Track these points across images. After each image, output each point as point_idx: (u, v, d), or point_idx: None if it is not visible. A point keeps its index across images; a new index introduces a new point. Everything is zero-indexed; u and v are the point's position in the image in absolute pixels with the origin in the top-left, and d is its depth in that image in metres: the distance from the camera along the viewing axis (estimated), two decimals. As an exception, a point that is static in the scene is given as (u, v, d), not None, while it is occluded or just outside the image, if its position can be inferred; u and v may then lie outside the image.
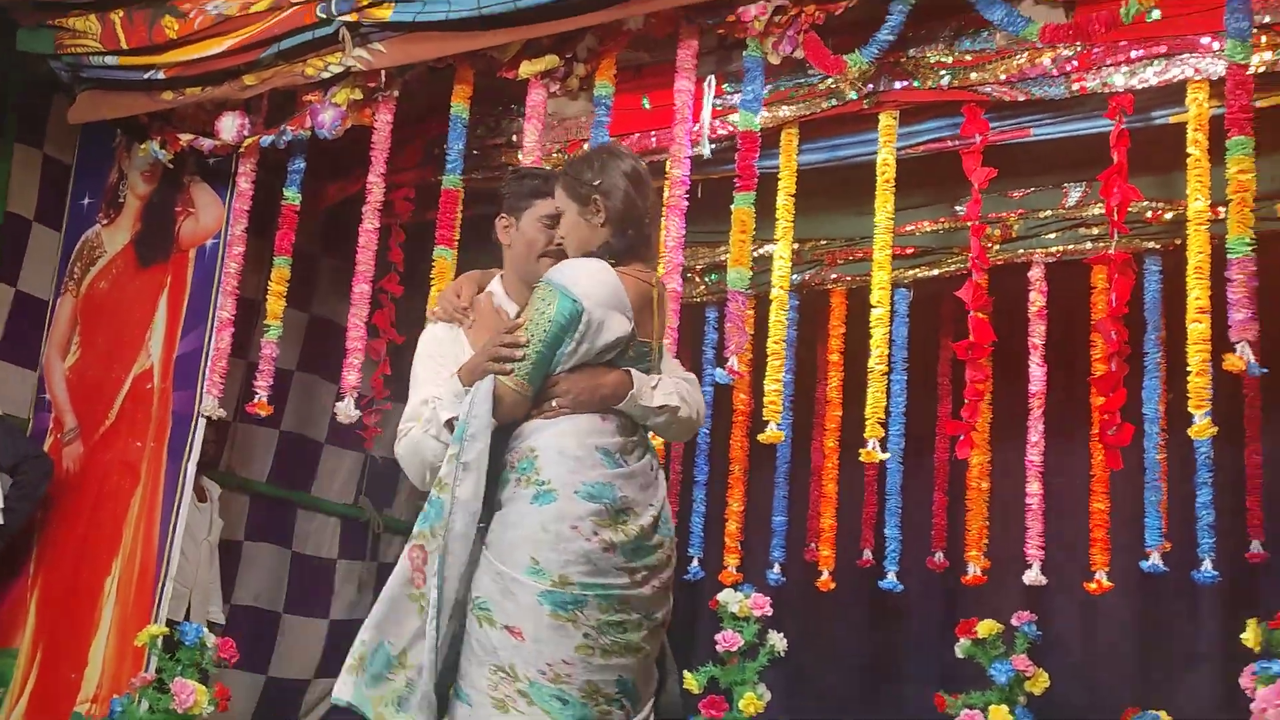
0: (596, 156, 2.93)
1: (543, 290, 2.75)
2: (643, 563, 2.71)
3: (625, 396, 2.77)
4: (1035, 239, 5.11)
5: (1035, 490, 5.00)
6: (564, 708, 2.61)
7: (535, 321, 2.72)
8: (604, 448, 2.74)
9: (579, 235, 2.86)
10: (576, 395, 2.74)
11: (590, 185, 2.83)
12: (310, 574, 6.29)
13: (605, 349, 2.76)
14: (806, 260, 5.56)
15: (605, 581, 2.65)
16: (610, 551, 2.66)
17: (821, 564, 5.70)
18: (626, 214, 2.84)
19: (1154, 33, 3.98)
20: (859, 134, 4.57)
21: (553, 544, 2.63)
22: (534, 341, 2.71)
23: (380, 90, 4.74)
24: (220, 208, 5.31)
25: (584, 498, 2.67)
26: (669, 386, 2.87)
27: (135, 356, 5.39)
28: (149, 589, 5.02)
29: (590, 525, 2.65)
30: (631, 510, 2.71)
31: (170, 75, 4.93)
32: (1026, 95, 4.25)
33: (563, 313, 2.70)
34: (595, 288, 2.74)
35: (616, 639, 2.67)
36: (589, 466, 2.70)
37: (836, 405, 5.71)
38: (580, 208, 2.85)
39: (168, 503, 5.10)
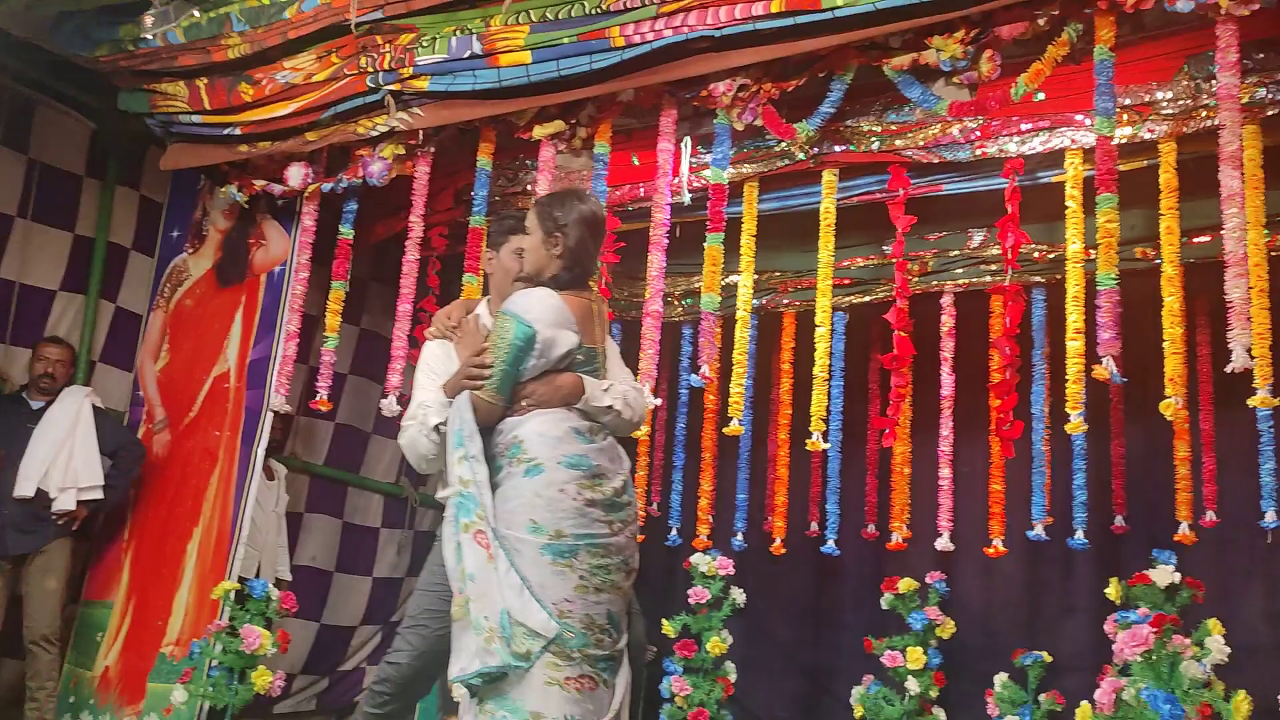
0: (569, 198, 2.99)
1: (502, 319, 2.83)
2: (617, 516, 2.78)
3: (580, 397, 2.85)
4: (946, 273, 5.13)
5: (946, 474, 5.06)
6: (570, 638, 2.66)
7: (498, 345, 2.80)
8: (575, 429, 2.82)
9: (536, 258, 2.93)
10: (541, 396, 2.82)
11: (556, 222, 2.91)
12: (357, 540, 6.23)
13: (560, 358, 2.85)
14: (764, 288, 5.56)
15: (591, 532, 2.71)
16: (592, 507, 2.73)
17: (775, 533, 5.69)
18: (578, 253, 2.93)
19: (1040, 110, 4.02)
20: (806, 187, 4.58)
21: (546, 505, 2.70)
22: (499, 362, 2.79)
23: (419, 146, 4.72)
24: (287, 240, 5.29)
25: (566, 466, 2.74)
26: (618, 392, 2.94)
27: (215, 361, 5.38)
28: (224, 551, 5.03)
29: (574, 487, 2.72)
30: (604, 475, 2.79)
31: (246, 132, 4.91)
32: (939, 158, 4.27)
33: (519, 336, 2.79)
34: (544, 312, 2.83)
35: (604, 579, 2.71)
36: (567, 442, 2.78)
37: (787, 405, 5.67)
38: (544, 236, 2.92)
39: (240, 481, 5.09)
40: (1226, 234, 3.26)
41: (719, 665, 5.11)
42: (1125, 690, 3.68)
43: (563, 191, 3.10)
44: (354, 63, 4.56)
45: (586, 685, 2.64)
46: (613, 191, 4.68)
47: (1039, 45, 3.59)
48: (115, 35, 4.84)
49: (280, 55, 4.72)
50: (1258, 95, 3.69)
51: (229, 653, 4.59)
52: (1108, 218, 3.61)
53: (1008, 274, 4.41)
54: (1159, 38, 3.85)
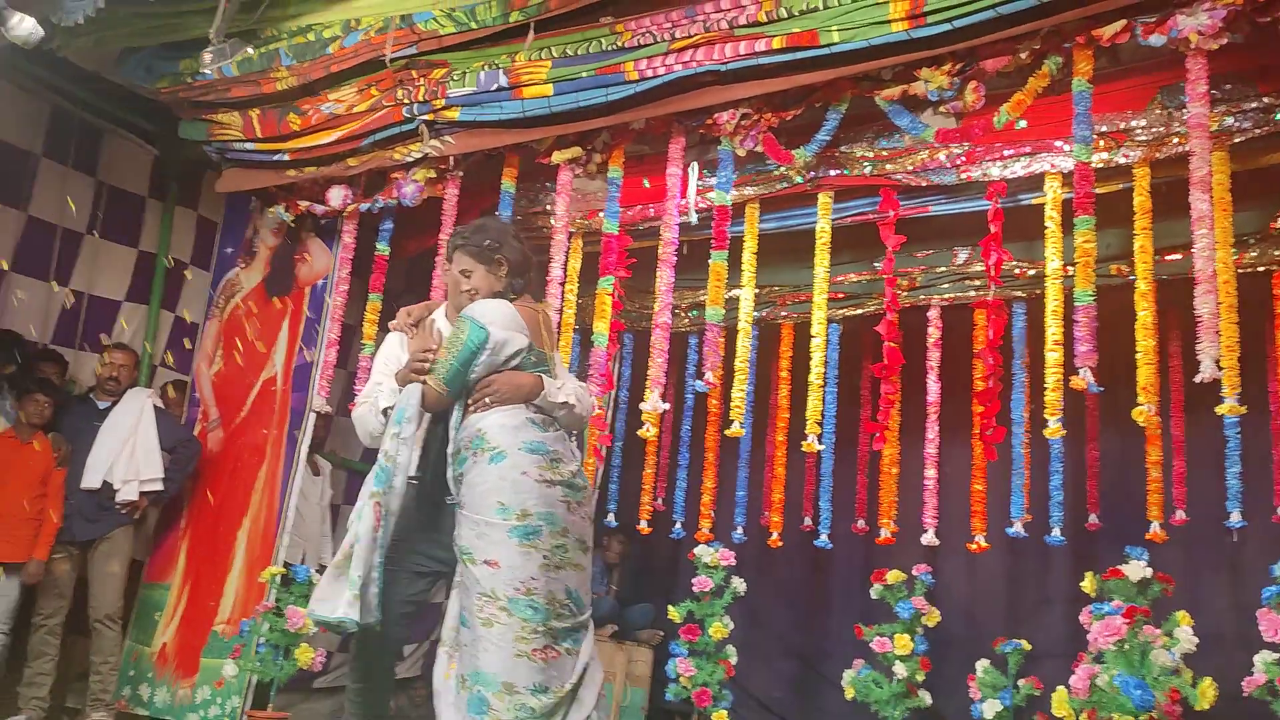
0: (490, 225, 3.03)
1: (461, 322, 2.85)
2: (574, 497, 2.77)
3: (539, 394, 2.85)
4: (933, 288, 5.12)
5: (932, 474, 5.02)
6: (534, 614, 2.65)
7: (453, 343, 2.81)
8: (531, 419, 2.81)
9: (487, 285, 2.97)
10: (503, 391, 2.81)
11: (491, 249, 2.95)
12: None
13: (511, 357, 2.84)
14: (764, 301, 5.56)
15: (552, 511, 2.70)
16: (552, 487, 2.72)
17: (772, 528, 5.71)
18: (520, 266, 2.99)
19: (1022, 137, 3.99)
20: (804, 208, 4.57)
21: (511, 488, 2.68)
22: (452, 358, 2.80)
23: (449, 171, 4.72)
24: (329, 256, 5.28)
25: (527, 451, 2.74)
26: (570, 389, 2.94)
27: (264, 366, 5.37)
28: (271, 539, 5.00)
29: (535, 470, 2.72)
30: (561, 459, 2.79)
31: (293, 158, 4.92)
32: (927, 181, 4.25)
33: (473, 338, 2.80)
34: (498, 318, 2.85)
35: (562, 557, 2.70)
36: (526, 431, 2.78)
37: (785, 410, 5.72)
38: (486, 267, 2.95)
39: (286, 475, 5.08)
40: (1196, 253, 3.22)
41: (721, 649, 5.06)
42: (1099, 677, 3.63)
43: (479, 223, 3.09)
44: (391, 95, 4.56)
45: (551, 655, 2.66)
46: (625, 211, 4.67)
47: (1021, 77, 3.56)
48: (176, 69, 4.87)
49: (324, 88, 4.73)
50: (1226, 123, 3.69)
51: (275, 631, 4.59)
52: (1085, 238, 3.59)
53: (991, 289, 4.37)
54: (1133, 70, 3.83)
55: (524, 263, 3.00)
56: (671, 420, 6.29)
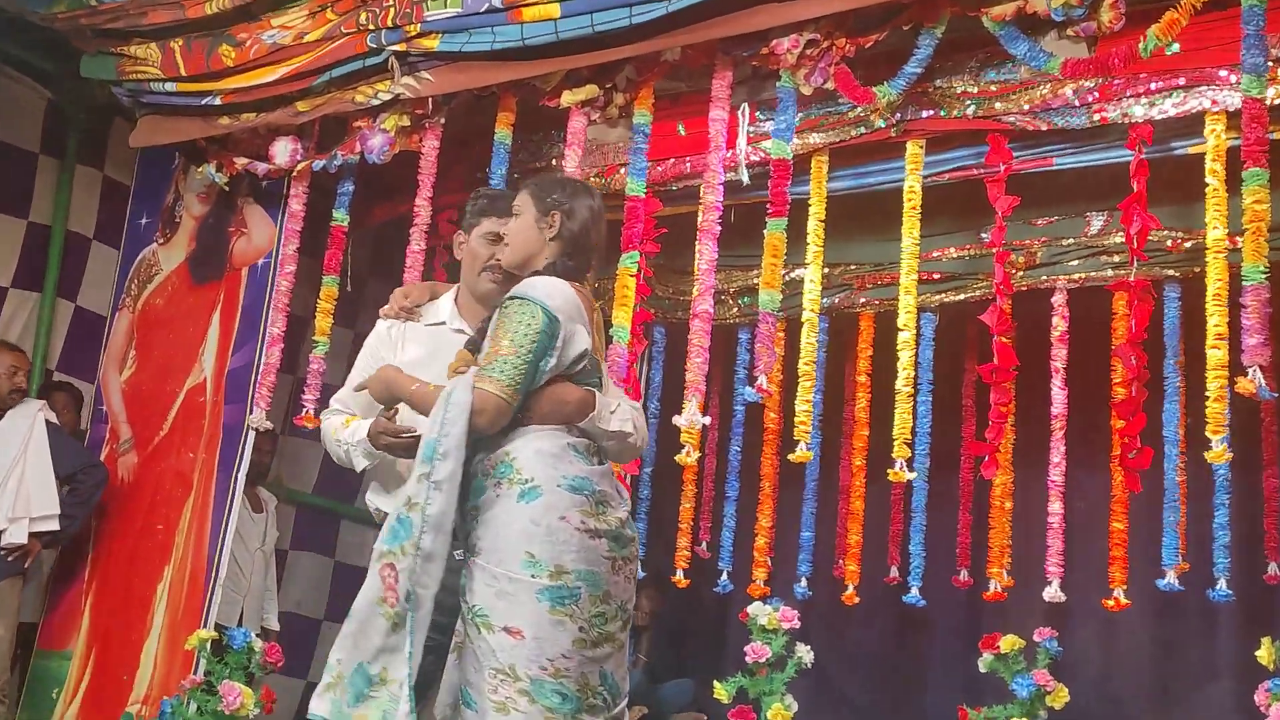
0: (570, 183, 3.03)
1: (520, 305, 2.76)
2: (622, 553, 2.74)
3: (588, 415, 2.81)
4: (1058, 265, 5.08)
5: (1056, 510, 5.00)
6: (563, 702, 2.61)
7: (522, 334, 2.72)
8: (574, 446, 2.78)
9: (525, 240, 2.92)
10: (541, 410, 2.78)
11: (555, 200, 2.91)
12: (352, 583, 6.26)
13: (574, 361, 2.81)
14: (836, 284, 5.53)
15: (594, 570, 2.67)
16: (597, 539, 2.69)
17: (847, 579, 5.70)
18: (579, 240, 2.91)
19: (1173, 65, 3.91)
20: (887, 161, 4.54)
21: (546, 536, 2.64)
22: (523, 354, 2.71)
23: (427, 117, 4.73)
24: (272, 228, 5.31)
25: (567, 489, 2.69)
26: (626, 414, 2.92)
27: (189, 370, 5.40)
28: (199, 594, 5.01)
29: (577, 515, 2.68)
30: (608, 502, 2.75)
31: (227, 101, 4.95)
32: (1049, 125, 4.21)
33: (546, 325, 2.73)
34: (564, 302, 2.79)
35: (602, 630, 2.68)
36: (567, 462, 2.73)
37: (864, 425, 5.69)
38: (538, 215, 2.91)
39: (218, 512, 5.09)
40: None
41: (782, 737, 5.03)
42: (1279, 774, 3.57)
43: (564, 176, 3.16)
44: (352, 19, 4.59)
45: None
46: (654, 168, 4.65)
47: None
48: (76, -12, 4.94)
49: (266, 11, 4.77)
50: None
51: (205, 713, 4.59)
52: (1256, 197, 3.53)
53: (1133, 266, 4.28)
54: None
55: (585, 240, 2.93)
56: (716, 440, 6.31)
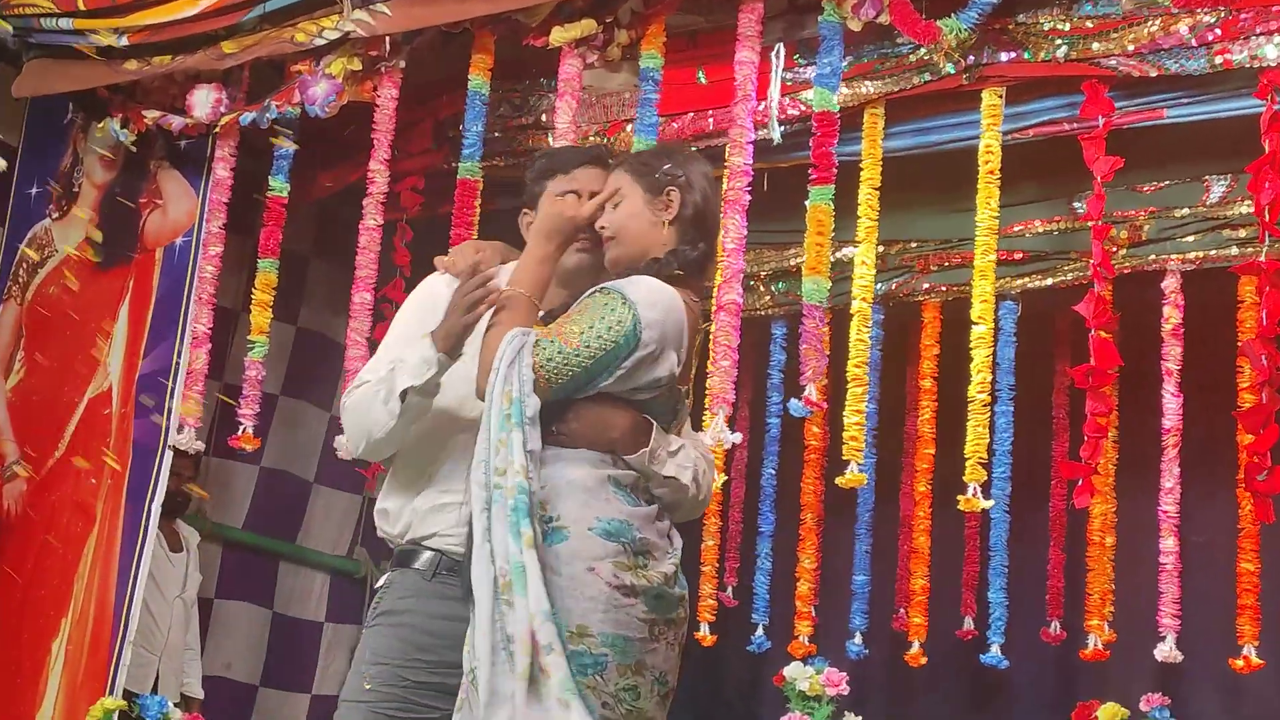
0: (675, 150, 2.99)
1: (612, 299, 2.73)
2: (665, 616, 2.72)
3: (638, 450, 2.77)
4: (1170, 242, 5.08)
5: (1170, 547, 4.99)
6: None
7: (595, 329, 2.69)
8: (617, 480, 2.75)
9: (638, 227, 2.86)
10: (580, 428, 2.75)
11: (666, 173, 2.86)
12: (293, 639, 6.30)
13: (646, 385, 2.77)
14: (894, 266, 5.54)
15: (626, 634, 2.64)
16: (631, 598, 2.66)
17: (911, 634, 5.72)
18: (700, 222, 2.87)
19: None
20: (957, 115, 4.55)
21: (569, 588, 2.62)
22: (584, 351, 2.68)
23: (384, 60, 4.75)
24: (193, 199, 5.32)
25: (600, 534, 2.67)
26: (687, 460, 2.86)
27: (91, 376, 5.41)
28: (104, 654, 5.02)
29: (609, 567, 2.65)
30: (651, 553, 2.72)
31: (135, 41, 4.95)
32: (1159, 70, 4.19)
33: (627, 337, 2.69)
34: (664, 318, 2.73)
35: (631, 706, 2.66)
36: (603, 500, 2.71)
37: (929, 442, 5.69)
38: (648, 195, 2.86)
39: (127, 551, 5.09)
40: None
41: (829, 830, 5.06)
42: None
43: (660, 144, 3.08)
44: (291, -62, 4.63)
45: None
46: (668, 124, 4.67)
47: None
48: (-56, -99, 4.99)
49: (182, -73, 4.81)
50: None
51: (114, 802, 4.65)
52: None
53: (1264, 244, 4.26)
54: None
55: (705, 223, 2.90)
56: (746, 460, 6.33)
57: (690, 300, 2.83)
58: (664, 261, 2.83)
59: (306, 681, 6.37)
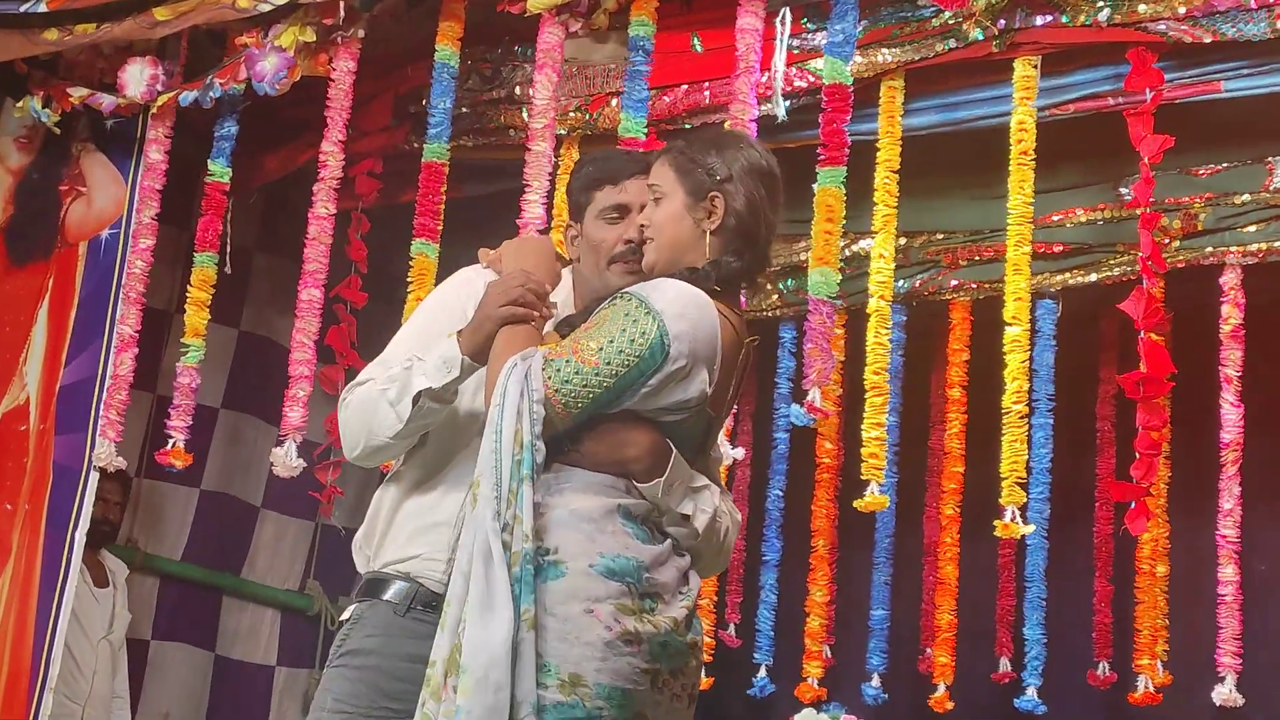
0: (726, 140, 3.01)
1: (634, 308, 2.74)
2: (670, 665, 2.73)
3: (653, 477, 2.78)
4: (1229, 233, 5.08)
5: (1230, 575, 5.00)
6: None
7: (616, 343, 2.71)
8: (628, 510, 2.76)
9: (676, 234, 2.89)
10: (593, 446, 2.77)
11: (711, 175, 2.88)
12: (238, 685, 6.32)
13: (673, 407, 2.78)
14: (916, 261, 5.57)
15: (624, 687, 2.65)
16: (633, 647, 2.66)
17: (937, 675, 5.69)
18: (747, 230, 2.89)
19: None
20: (987, 88, 4.57)
21: (563, 631, 2.64)
22: (604, 367, 2.70)
23: (339, 29, 4.77)
24: (122, 187, 5.34)
25: (602, 573, 2.68)
26: (708, 505, 2.86)
27: (5, 388, 5.44)
28: (22, 703, 5.03)
29: (611, 609, 2.66)
30: (659, 596, 2.73)
31: (55, 7, 4.98)
32: (1215, 36, 4.21)
33: (651, 350, 2.70)
34: (694, 330, 2.74)
35: None
36: (608, 533, 2.72)
37: (958, 459, 5.69)
38: (689, 199, 2.89)
39: (47, 586, 5.11)
40: None
41: None
42: None
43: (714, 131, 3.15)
44: (232, -112, 4.68)
45: None
46: (660, 98, 4.70)
47: None
48: None
49: (110, -122, 4.84)
50: None
51: None
52: None
53: (1335, 234, 4.29)
54: None
55: (752, 231, 2.90)
56: (749, 479, 6.35)
57: (727, 312, 2.84)
58: (702, 273, 2.85)
59: None
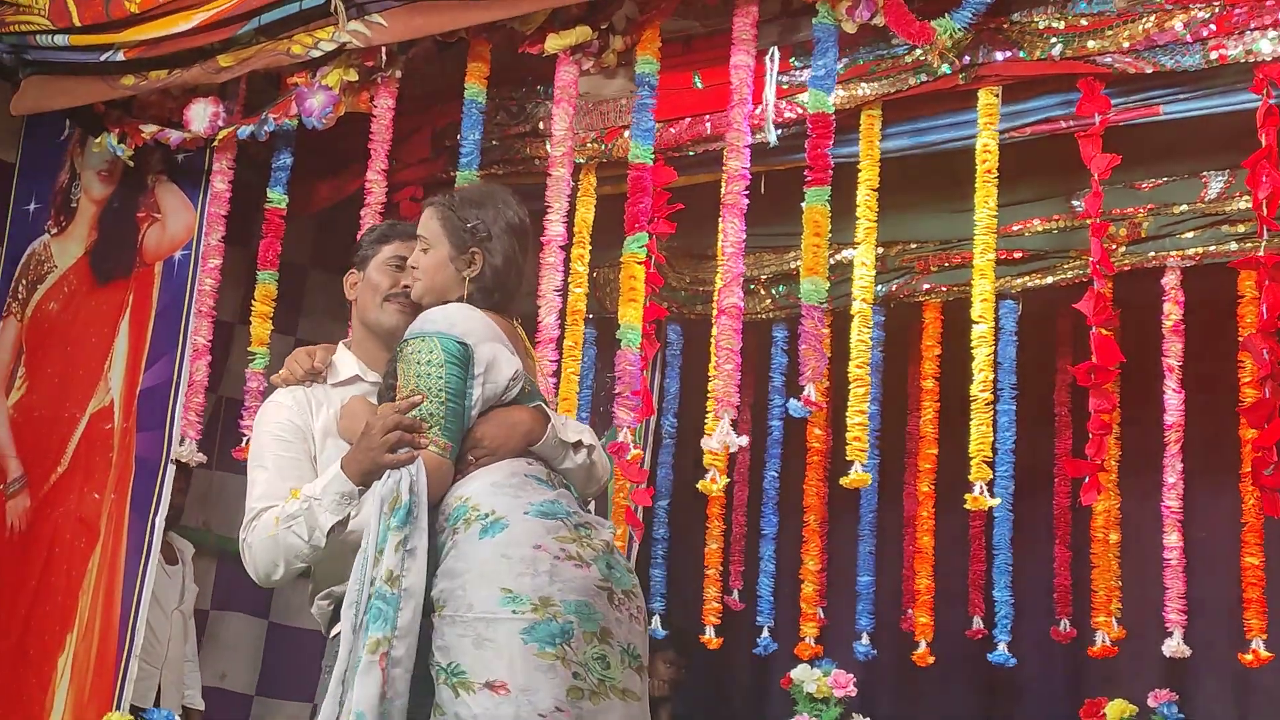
0: (487, 199, 3.14)
1: (415, 345, 2.92)
2: (620, 586, 2.85)
3: (545, 432, 2.97)
4: (1169, 239, 5.08)
5: (1174, 542, 5.01)
6: None
7: (425, 375, 2.88)
8: (535, 475, 2.93)
9: (439, 280, 3.06)
10: (494, 441, 2.93)
11: (473, 234, 3.04)
12: (290, 649, 6.29)
13: (508, 386, 2.95)
14: (893, 267, 5.57)
15: (586, 601, 2.77)
16: (584, 567, 2.80)
17: (918, 633, 5.73)
18: (500, 278, 3.07)
19: None
20: (954, 114, 4.54)
21: (521, 566, 2.75)
22: (434, 394, 2.87)
23: (380, 71, 4.76)
24: (191, 213, 5.33)
25: (536, 515, 2.83)
26: (580, 428, 3.08)
27: (92, 391, 5.43)
28: (110, 669, 5.04)
29: (553, 542, 2.80)
30: (588, 525, 2.89)
31: (131, 56, 4.97)
32: (1155, 66, 4.18)
33: (451, 354, 2.88)
34: (470, 324, 2.94)
35: (603, 676, 2.75)
36: (529, 490, 2.88)
37: (932, 442, 5.72)
38: (454, 251, 3.06)
39: (131, 566, 5.11)
40: None
41: (839, 832, 5.07)
42: None
43: (475, 188, 3.32)
44: (285, -49, 4.65)
45: None
46: (665, 129, 4.68)
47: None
48: (-59, -79, 5.00)
49: (178, -57, 4.82)
50: None
51: (119, 814, 4.65)
52: None
53: (1263, 238, 4.26)
54: None
55: (505, 279, 3.09)
56: (749, 463, 6.34)
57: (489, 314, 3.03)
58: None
59: (306, 690, 6.35)
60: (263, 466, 3.13)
